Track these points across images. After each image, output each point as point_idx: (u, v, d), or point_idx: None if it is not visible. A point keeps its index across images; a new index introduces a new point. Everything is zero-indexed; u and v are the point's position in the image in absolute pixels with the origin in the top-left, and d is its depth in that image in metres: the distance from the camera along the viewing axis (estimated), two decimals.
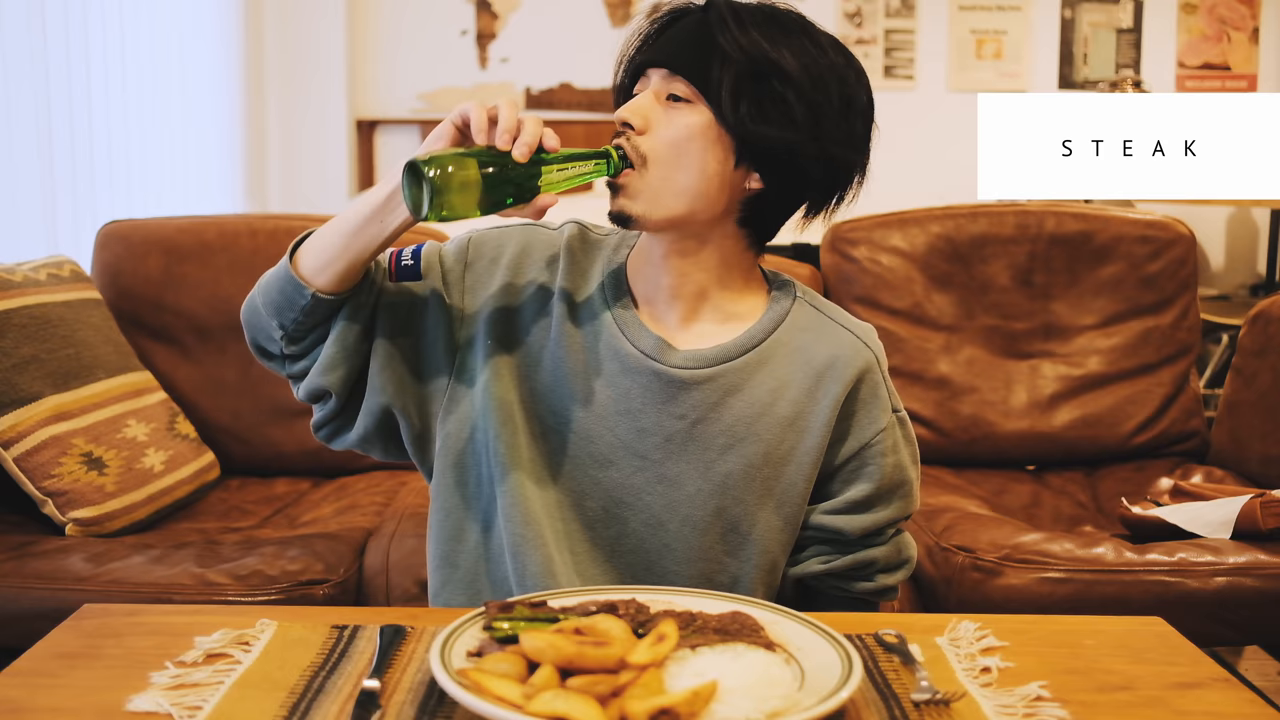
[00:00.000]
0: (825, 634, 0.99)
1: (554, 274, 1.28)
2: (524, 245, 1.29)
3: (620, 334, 1.24)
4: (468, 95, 5.45)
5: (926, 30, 5.44)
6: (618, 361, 1.23)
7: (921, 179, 4.80)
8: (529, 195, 1.10)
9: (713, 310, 1.25)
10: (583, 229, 1.32)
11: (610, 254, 1.29)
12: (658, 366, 1.23)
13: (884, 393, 1.27)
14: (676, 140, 1.17)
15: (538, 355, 1.26)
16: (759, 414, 1.23)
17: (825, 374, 1.24)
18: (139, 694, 0.94)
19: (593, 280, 1.28)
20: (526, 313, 1.27)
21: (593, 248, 1.30)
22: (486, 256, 1.29)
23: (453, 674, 0.89)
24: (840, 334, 1.27)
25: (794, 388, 1.24)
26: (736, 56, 1.15)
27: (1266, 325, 2.42)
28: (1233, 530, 1.96)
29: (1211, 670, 1.02)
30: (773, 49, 1.16)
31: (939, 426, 2.51)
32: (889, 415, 1.27)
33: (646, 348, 1.23)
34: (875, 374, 1.26)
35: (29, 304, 2.11)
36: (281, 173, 4.99)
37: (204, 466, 2.32)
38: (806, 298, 1.30)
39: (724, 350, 1.24)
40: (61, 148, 3.17)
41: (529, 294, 1.28)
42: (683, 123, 1.17)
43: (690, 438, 1.23)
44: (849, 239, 2.58)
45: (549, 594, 1.06)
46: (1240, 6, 5.35)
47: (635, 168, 1.17)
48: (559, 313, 1.26)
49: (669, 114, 1.18)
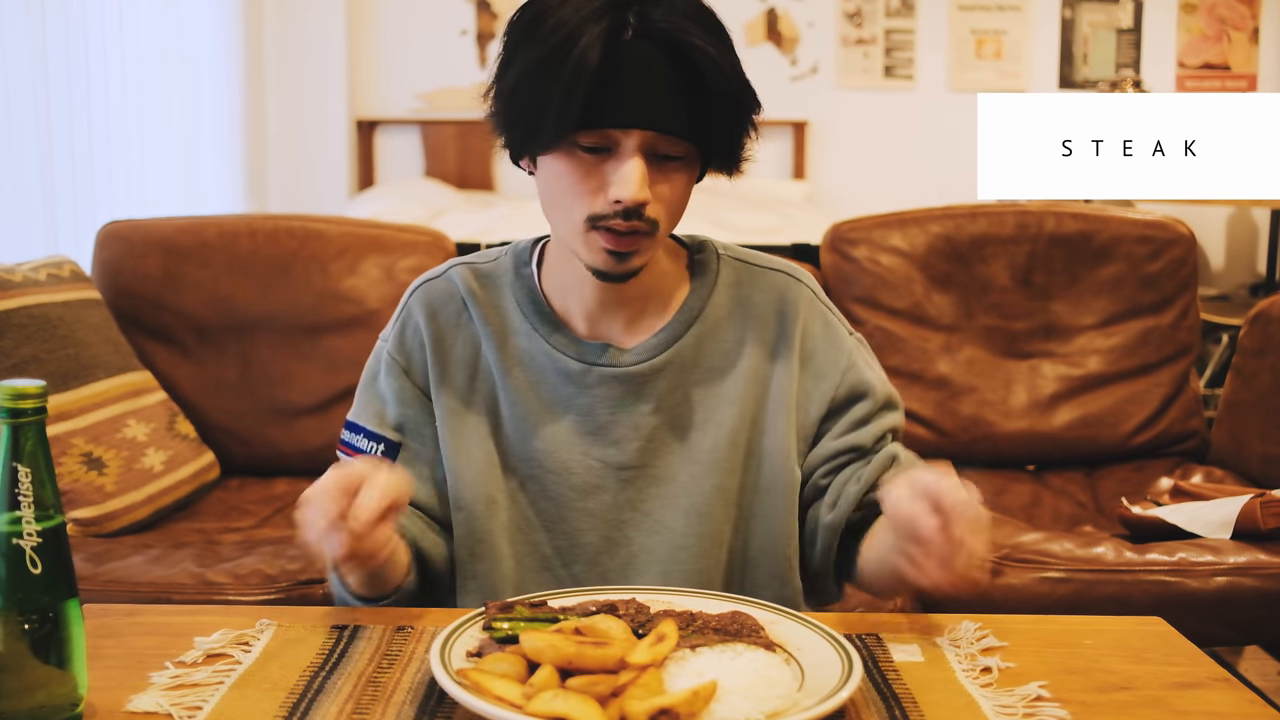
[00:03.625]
0: (825, 634, 0.99)
1: (468, 325, 1.26)
2: (428, 312, 1.27)
3: (564, 355, 1.23)
4: (467, 95, 5.44)
5: (926, 30, 5.44)
6: (571, 383, 1.22)
7: (921, 179, 4.80)
8: None
9: (653, 301, 1.25)
10: (469, 267, 1.29)
11: (512, 280, 1.27)
12: (614, 370, 1.22)
13: (833, 318, 1.29)
14: (678, 203, 1.16)
15: (493, 412, 1.24)
16: (721, 380, 1.23)
17: (771, 321, 1.25)
18: (139, 694, 0.94)
19: (509, 314, 1.26)
20: (461, 378, 1.25)
21: (491, 281, 1.28)
22: (411, 349, 1.26)
23: (453, 674, 0.89)
24: (771, 277, 1.28)
25: (746, 343, 1.25)
26: (723, 96, 1.11)
27: (1266, 325, 2.42)
28: (1233, 530, 1.96)
29: (1211, 670, 1.02)
30: (738, 66, 1.13)
31: (939, 426, 2.51)
32: (849, 338, 1.29)
33: (594, 358, 1.22)
34: (817, 305, 1.28)
35: (29, 304, 2.11)
36: (281, 173, 4.99)
37: (204, 466, 2.32)
38: (728, 252, 1.30)
39: (670, 332, 1.24)
40: (61, 148, 3.17)
41: (458, 359, 1.26)
42: (681, 183, 1.15)
43: (666, 428, 1.23)
44: (849, 239, 2.58)
45: (548, 594, 1.06)
46: (1240, 6, 5.35)
47: (649, 236, 1.13)
48: (493, 361, 1.24)
49: (668, 177, 1.13)
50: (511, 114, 1.13)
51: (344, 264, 2.44)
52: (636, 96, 1.08)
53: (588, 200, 1.12)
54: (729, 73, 1.10)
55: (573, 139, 1.10)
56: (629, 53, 1.08)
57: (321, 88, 5.19)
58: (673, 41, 1.08)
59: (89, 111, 3.34)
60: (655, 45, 1.08)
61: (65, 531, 0.89)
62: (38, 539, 0.86)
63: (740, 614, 1.01)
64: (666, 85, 1.09)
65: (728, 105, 1.12)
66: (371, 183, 5.47)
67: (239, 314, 2.43)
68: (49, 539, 0.87)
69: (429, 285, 1.29)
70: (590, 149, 1.11)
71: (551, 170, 1.14)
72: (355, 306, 2.43)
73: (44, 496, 0.87)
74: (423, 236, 2.52)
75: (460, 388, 1.25)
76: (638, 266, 1.16)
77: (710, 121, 1.12)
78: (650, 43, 1.08)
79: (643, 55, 1.08)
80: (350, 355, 2.43)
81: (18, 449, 0.86)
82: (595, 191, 1.11)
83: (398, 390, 1.26)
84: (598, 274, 1.16)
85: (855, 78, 5.42)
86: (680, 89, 1.09)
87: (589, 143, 1.10)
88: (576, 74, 1.06)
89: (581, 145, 1.11)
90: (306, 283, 2.43)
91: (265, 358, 2.44)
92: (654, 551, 1.23)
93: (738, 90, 1.12)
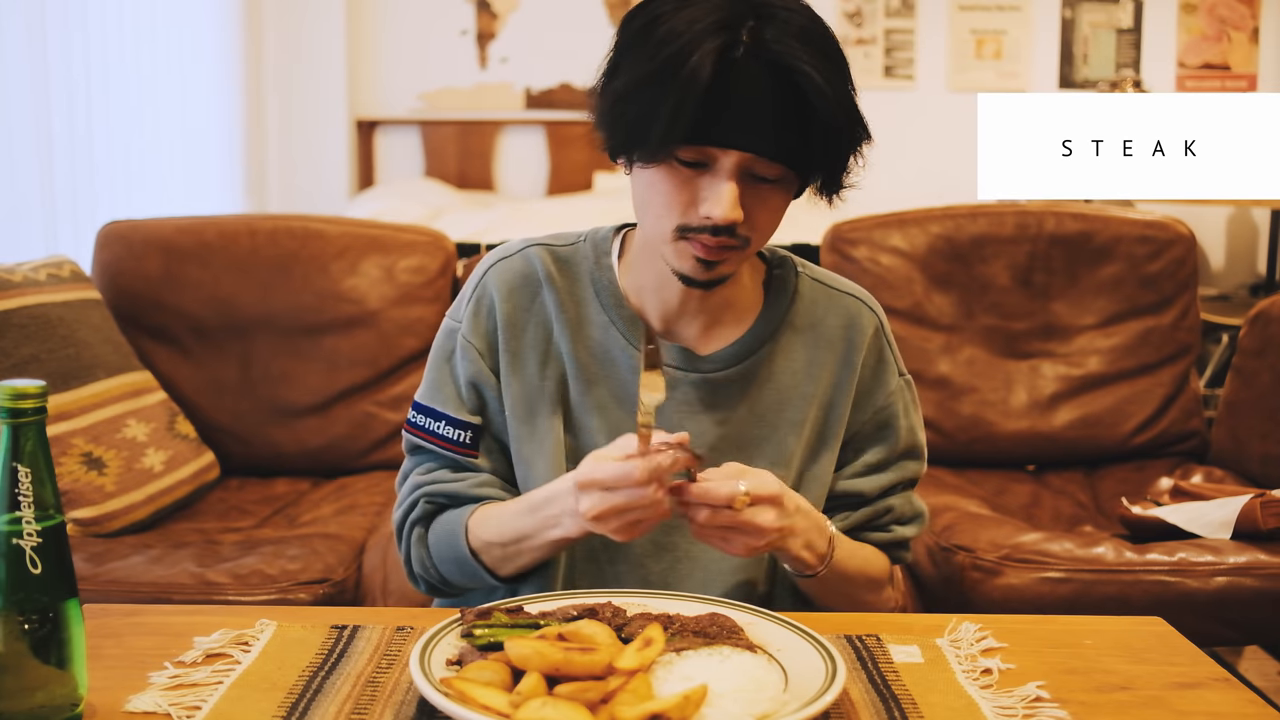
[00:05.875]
0: (804, 634, 0.99)
1: (542, 309, 1.25)
2: (504, 292, 1.25)
3: (639, 351, 1.22)
4: (467, 95, 5.45)
5: (926, 30, 5.44)
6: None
7: (921, 179, 4.80)
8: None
9: (730, 311, 1.25)
10: (547, 249, 1.27)
11: (592, 268, 1.26)
12: (691, 376, 1.23)
13: (889, 356, 1.30)
14: (770, 225, 1.15)
15: (562, 400, 1.24)
16: (788, 399, 1.24)
17: (840, 346, 1.26)
18: (138, 694, 0.94)
19: (586, 303, 1.25)
20: (532, 363, 1.24)
21: (569, 266, 1.27)
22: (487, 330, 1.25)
23: (436, 684, 0.87)
24: (845, 301, 1.29)
25: (816, 364, 1.25)
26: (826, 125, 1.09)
27: (1266, 325, 2.42)
28: (1233, 530, 1.96)
29: (1211, 670, 1.02)
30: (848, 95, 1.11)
31: (939, 426, 2.51)
32: (896, 379, 1.29)
33: (672, 360, 1.23)
34: (880, 338, 1.29)
35: (29, 304, 2.11)
36: (281, 173, 4.98)
37: (204, 466, 2.32)
38: (806, 271, 1.30)
39: (745, 345, 1.24)
40: (61, 148, 3.17)
41: (529, 342, 1.24)
42: (776, 206, 1.14)
43: (730, 439, 1.23)
44: (849, 239, 2.58)
45: (524, 599, 1.05)
46: (1240, 6, 5.35)
47: (739, 250, 1.14)
48: (565, 349, 1.24)
49: (761, 198, 1.12)
50: (617, 118, 1.12)
51: (344, 264, 2.44)
52: (740, 118, 1.08)
53: (680, 211, 1.12)
54: (833, 101, 1.08)
55: (673, 152, 1.10)
56: (739, 73, 1.07)
57: (321, 88, 5.19)
58: (782, 66, 1.07)
59: (89, 111, 3.34)
60: (765, 67, 1.07)
61: (65, 531, 0.89)
62: (38, 539, 0.87)
63: (718, 615, 1.01)
64: (771, 109, 1.08)
65: (831, 134, 1.10)
66: (371, 183, 5.47)
67: (239, 314, 2.43)
68: (49, 539, 0.87)
69: (505, 264, 1.27)
70: (688, 163, 1.11)
71: (648, 178, 1.14)
72: (355, 306, 2.43)
73: (44, 496, 0.87)
74: (423, 236, 2.52)
75: (531, 373, 1.24)
76: (725, 275, 1.16)
77: (812, 148, 1.11)
78: (760, 64, 1.07)
79: (751, 76, 1.07)
80: (350, 355, 2.43)
81: (18, 449, 0.86)
82: (689, 205, 1.12)
83: (475, 374, 1.25)
84: (684, 279, 1.16)
85: (855, 78, 5.39)
86: (785, 114, 1.08)
87: (688, 157, 1.10)
88: (686, 90, 1.05)
89: (680, 159, 1.11)
90: (306, 283, 2.43)
91: (265, 358, 2.43)
92: (697, 559, 1.23)
93: (842, 120, 1.10)
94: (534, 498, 1.16)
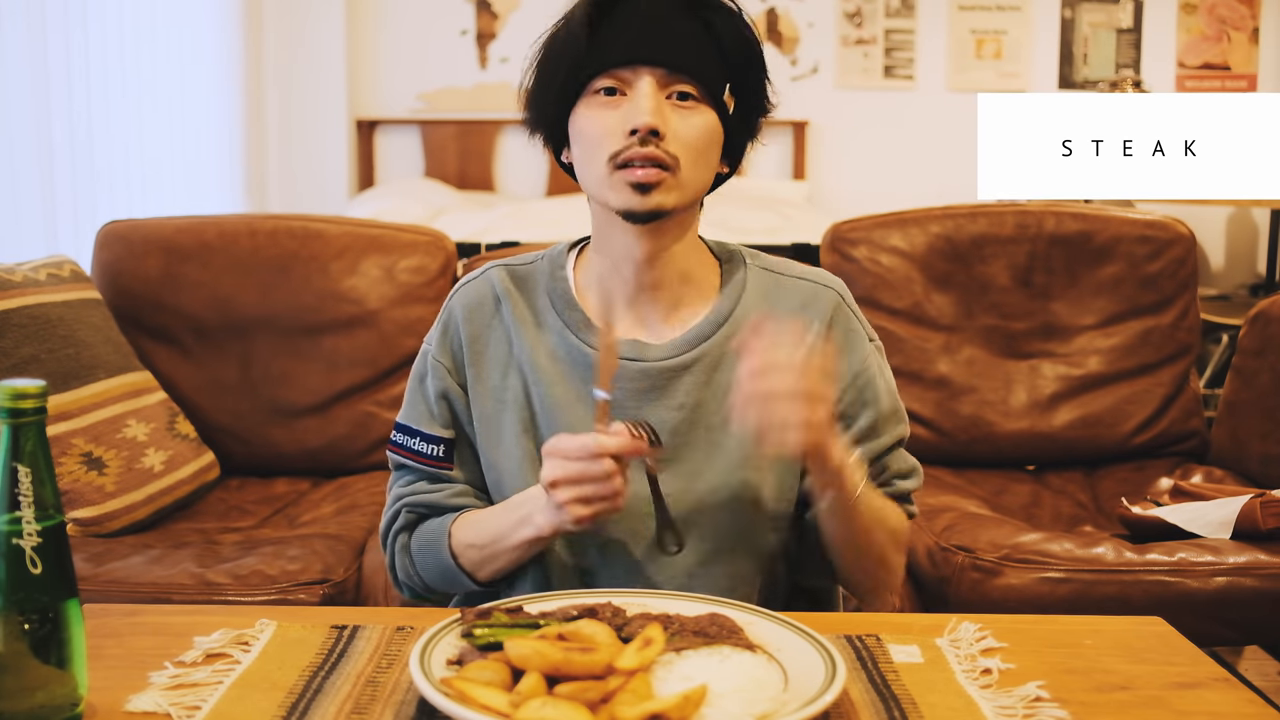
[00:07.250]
0: (804, 634, 0.99)
1: (501, 324, 1.29)
2: (465, 313, 1.30)
3: (593, 350, 1.24)
4: (467, 95, 5.45)
5: (926, 30, 5.44)
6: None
7: (921, 179, 4.80)
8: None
9: (685, 303, 1.27)
10: (506, 269, 1.32)
11: (548, 280, 1.30)
12: (643, 365, 1.24)
13: (857, 324, 1.31)
14: (697, 143, 1.19)
15: (526, 406, 1.27)
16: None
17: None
18: (138, 694, 0.94)
19: (542, 312, 1.29)
20: (495, 376, 1.28)
21: (526, 281, 1.31)
22: (453, 350, 1.30)
23: (436, 684, 0.87)
24: (799, 285, 1.31)
25: None
26: (733, 51, 1.18)
27: (1266, 325, 2.42)
28: (1233, 530, 1.96)
29: (1211, 670, 1.02)
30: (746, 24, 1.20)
31: (939, 426, 2.51)
32: (866, 344, 1.31)
33: (625, 353, 1.25)
34: (844, 310, 1.31)
35: (29, 304, 2.11)
36: (281, 173, 4.98)
37: (204, 466, 2.32)
38: (756, 261, 1.33)
39: (699, 330, 1.26)
40: (61, 148, 3.17)
41: (492, 357, 1.29)
42: (699, 124, 1.19)
43: (693, 423, 1.24)
44: (849, 239, 2.58)
45: (524, 599, 1.05)
46: (1240, 6, 5.35)
47: (671, 171, 1.18)
48: (524, 358, 1.27)
49: (682, 116, 1.19)
50: (534, 99, 1.23)
51: (344, 264, 2.44)
52: (640, 36, 1.17)
53: (609, 142, 1.18)
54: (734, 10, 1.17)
55: (586, 88, 1.19)
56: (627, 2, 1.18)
57: (321, 88, 5.19)
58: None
59: (89, 111, 3.34)
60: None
61: (65, 531, 0.89)
62: (38, 539, 0.87)
63: (718, 615, 1.00)
64: (672, 25, 1.17)
65: (731, 44, 1.18)
66: (371, 183, 5.47)
67: (239, 314, 2.43)
68: (49, 539, 0.87)
69: (467, 288, 1.33)
70: (607, 91, 1.18)
71: (578, 127, 1.21)
72: (355, 306, 2.43)
73: (44, 496, 0.87)
74: (423, 236, 2.52)
75: (495, 386, 1.28)
76: (663, 206, 1.18)
77: (717, 61, 1.18)
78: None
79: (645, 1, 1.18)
80: (350, 355, 2.43)
81: (18, 449, 0.86)
82: (614, 131, 1.17)
83: (445, 390, 1.30)
84: (626, 216, 1.19)
85: (855, 78, 5.42)
86: (684, 31, 1.17)
87: (603, 85, 1.18)
88: (574, 29, 1.18)
89: (598, 90, 1.19)
90: (306, 283, 2.43)
91: (265, 358, 2.44)
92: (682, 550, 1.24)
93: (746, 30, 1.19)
94: (511, 499, 1.22)
